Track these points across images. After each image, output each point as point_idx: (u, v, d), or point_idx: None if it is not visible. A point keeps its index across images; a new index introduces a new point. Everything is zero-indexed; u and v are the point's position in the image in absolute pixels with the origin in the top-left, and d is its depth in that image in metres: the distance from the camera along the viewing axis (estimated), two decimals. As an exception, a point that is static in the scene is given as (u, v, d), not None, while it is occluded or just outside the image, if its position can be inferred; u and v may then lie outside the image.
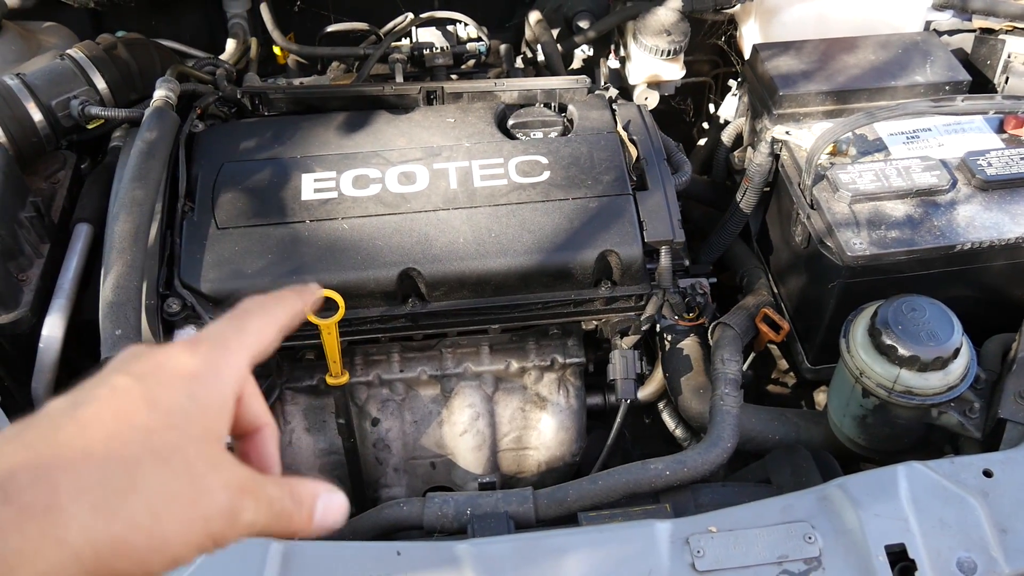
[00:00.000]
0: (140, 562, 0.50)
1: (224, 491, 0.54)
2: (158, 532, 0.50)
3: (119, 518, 0.49)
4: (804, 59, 1.72)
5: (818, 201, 1.53)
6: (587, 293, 1.56)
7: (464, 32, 2.03)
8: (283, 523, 0.58)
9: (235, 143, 1.63)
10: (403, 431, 1.67)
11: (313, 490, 0.61)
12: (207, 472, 0.54)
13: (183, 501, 0.52)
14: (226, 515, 0.54)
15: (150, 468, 0.51)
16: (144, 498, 0.50)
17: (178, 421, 0.54)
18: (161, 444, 0.53)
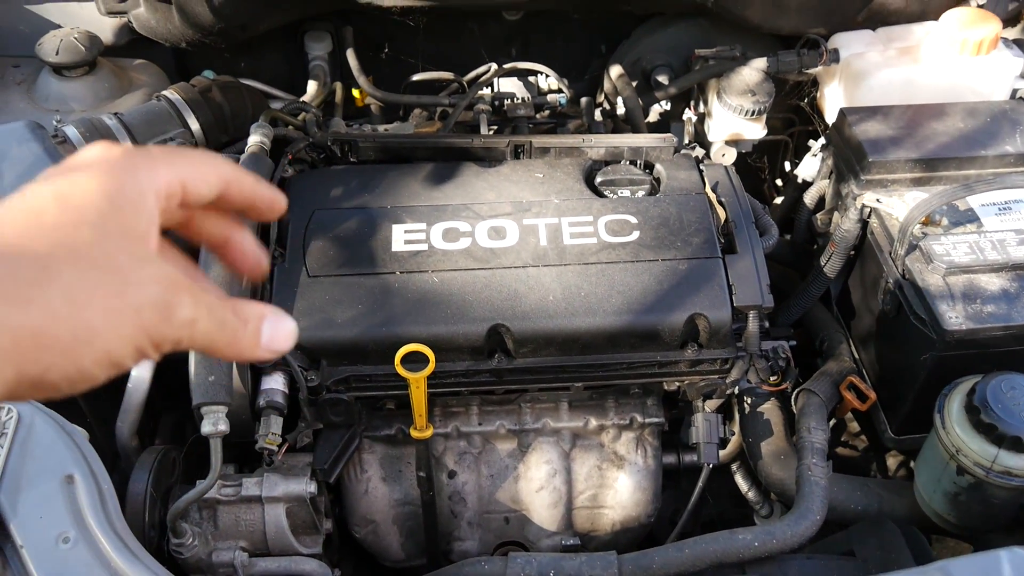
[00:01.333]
0: (68, 354, 0.49)
1: (154, 284, 0.53)
2: (81, 321, 0.50)
3: (35, 306, 0.48)
4: (892, 125, 1.72)
5: (911, 271, 1.52)
6: (673, 355, 1.55)
7: (545, 83, 2.05)
8: (227, 336, 0.57)
9: (326, 190, 1.64)
10: (479, 484, 1.67)
11: (259, 310, 0.60)
12: (131, 265, 0.53)
13: (106, 291, 0.51)
14: (158, 307, 0.53)
15: (65, 261, 0.50)
16: (61, 288, 0.49)
17: (92, 218, 0.53)
18: (76, 238, 0.52)
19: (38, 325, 0.48)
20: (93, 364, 0.50)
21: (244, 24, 1.90)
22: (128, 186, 0.56)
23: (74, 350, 0.49)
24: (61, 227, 0.51)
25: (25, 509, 1.25)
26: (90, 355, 0.50)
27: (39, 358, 0.49)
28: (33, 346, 0.48)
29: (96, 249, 0.52)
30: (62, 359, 0.49)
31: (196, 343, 0.56)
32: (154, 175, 0.58)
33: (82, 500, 1.27)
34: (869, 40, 1.88)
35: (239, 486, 1.48)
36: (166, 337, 0.54)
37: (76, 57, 1.76)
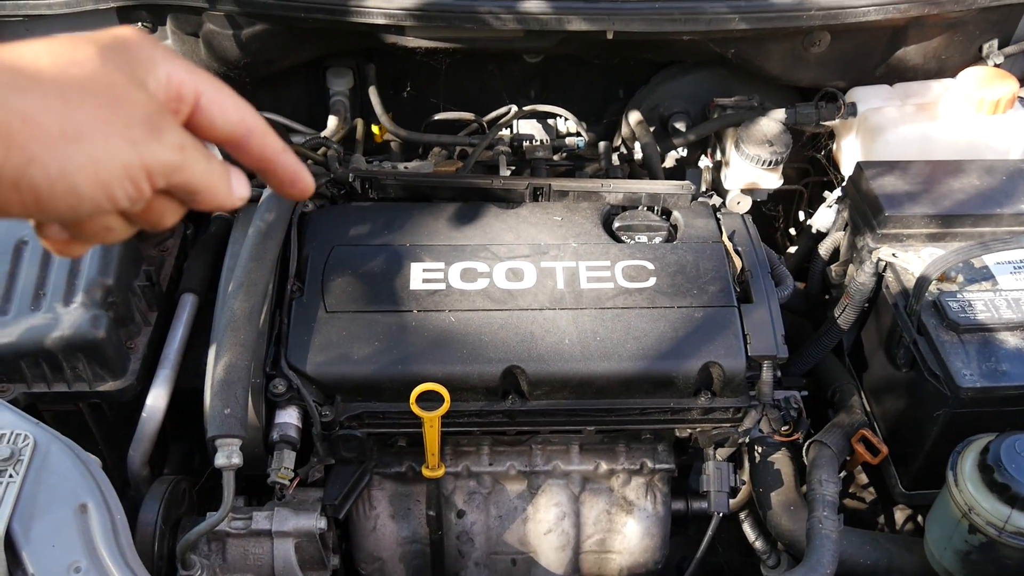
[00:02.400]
0: (55, 148, 0.51)
1: (143, 106, 0.55)
2: (70, 118, 0.51)
3: (29, 93, 0.50)
4: (909, 180, 1.74)
5: (926, 327, 1.53)
6: (686, 402, 1.55)
7: (563, 126, 2.07)
8: (216, 178, 0.59)
9: (346, 226, 1.66)
10: (487, 525, 1.66)
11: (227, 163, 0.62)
12: (126, 86, 0.55)
13: (98, 100, 0.53)
14: (147, 125, 0.54)
15: (65, 66, 0.53)
16: (56, 87, 0.51)
17: (99, 48, 0.55)
18: (77, 55, 0.54)
19: (31, 111, 0.50)
20: (78, 170, 0.51)
21: (270, 59, 1.93)
22: (140, 44, 0.58)
23: (59, 146, 0.50)
24: (65, 48, 0.54)
25: (38, 537, 1.25)
26: (75, 157, 0.51)
27: (25, 145, 0.49)
28: (21, 129, 0.49)
29: (96, 65, 0.54)
30: (48, 152, 0.50)
31: (187, 175, 0.57)
32: (172, 59, 0.59)
33: (95, 530, 1.27)
34: (887, 95, 1.91)
35: (249, 519, 1.48)
36: (155, 155, 0.54)
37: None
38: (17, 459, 1.27)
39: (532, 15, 1.72)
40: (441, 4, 1.72)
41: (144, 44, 0.59)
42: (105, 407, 1.55)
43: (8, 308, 1.47)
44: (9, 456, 1.26)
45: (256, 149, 0.64)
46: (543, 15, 1.71)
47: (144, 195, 0.55)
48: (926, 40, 1.87)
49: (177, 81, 0.59)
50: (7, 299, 1.48)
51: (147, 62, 0.58)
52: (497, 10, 1.71)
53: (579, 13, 1.72)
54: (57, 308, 1.45)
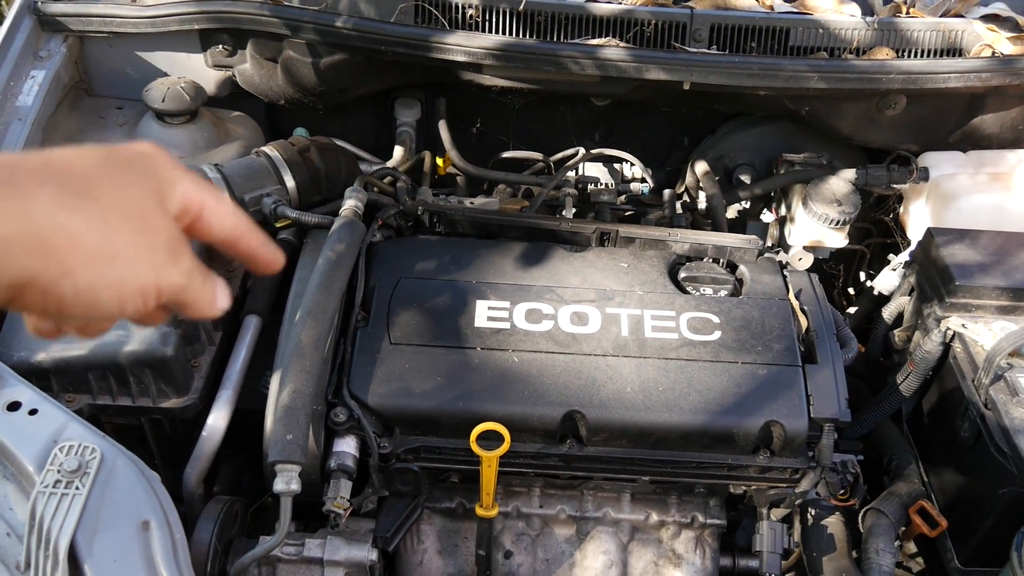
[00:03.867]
0: (89, 265, 0.55)
1: (167, 232, 0.61)
2: (109, 240, 0.56)
3: (76, 212, 0.55)
4: (980, 250, 1.72)
5: (995, 402, 1.51)
6: (744, 459, 1.54)
7: (629, 171, 2.07)
8: (207, 294, 0.65)
9: (413, 259, 1.67)
10: (534, 568, 1.65)
11: (214, 275, 0.67)
12: (155, 213, 0.61)
13: (133, 224, 0.58)
14: (169, 251, 0.60)
15: (107, 187, 0.58)
16: (99, 205, 0.56)
17: (134, 167, 0.61)
18: (118, 175, 0.59)
19: (75, 229, 0.54)
20: (105, 287, 0.56)
21: (344, 88, 1.96)
22: (163, 165, 0.64)
23: (95, 264, 0.55)
24: (106, 164, 0.60)
25: (101, 551, 1.26)
26: (106, 275, 0.56)
27: (65, 259, 0.54)
28: (64, 244, 0.54)
29: (132, 189, 0.60)
30: (83, 268, 0.55)
31: (188, 294, 0.63)
32: (185, 178, 0.65)
33: (156, 548, 1.27)
34: (960, 162, 1.90)
35: (301, 546, 1.48)
36: (170, 280, 0.60)
37: (181, 105, 1.82)
38: (84, 472, 1.28)
39: (612, 62, 1.73)
40: (522, 47, 1.74)
41: (167, 165, 0.65)
42: (166, 423, 1.56)
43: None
44: (76, 468, 1.27)
45: (244, 247, 0.71)
46: (622, 62, 1.72)
47: (148, 309, 0.61)
48: (1004, 109, 1.86)
49: (187, 198, 0.65)
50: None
51: (169, 184, 0.64)
52: (577, 55, 1.73)
53: (658, 63, 1.73)
54: (128, 324, 1.47)
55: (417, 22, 1.85)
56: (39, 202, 0.54)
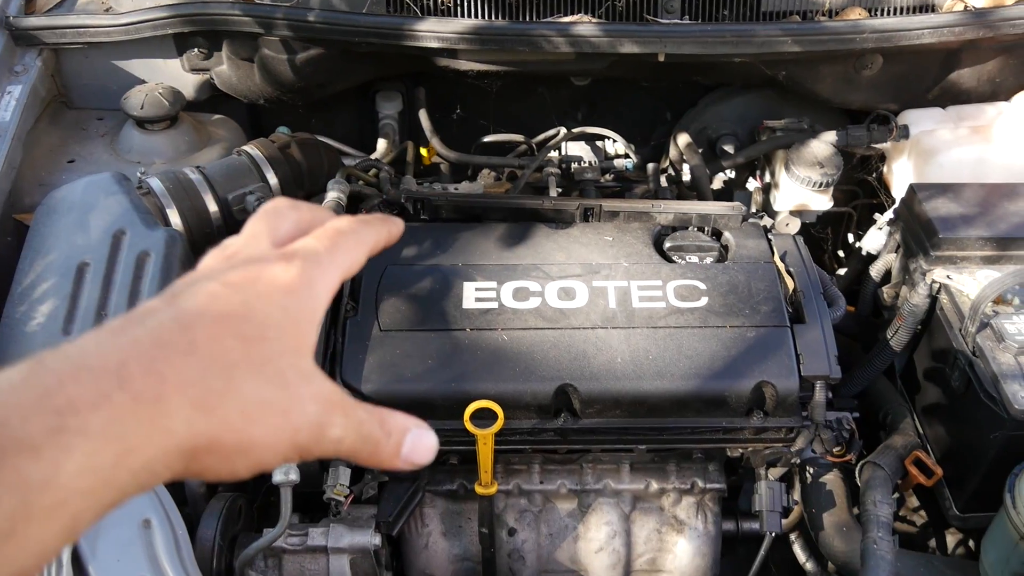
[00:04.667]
0: (227, 462, 0.52)
1: (314, 403, 0.55)
2: (247, 435, 0.52)
3: (216, 416, 0.50)
4: (963, 202, 1.73)
5: (982, 349, 1.52)
6: (738, 422, 1.55)
7: (612, 148, 2.08)
8: (369, 448, 0.58)
9: (399, 246, 1.68)
10: (538, 543, 1.67)
11: (404, 423, 0.61)
12: (299, 384, 0.55)
13: (275, 409, 0.53)
14: (314, 428, 0.55)
15: (246, 374, 0.52)
16: (239, 401, 0.51)
17: (272, 334, 0.55)
18: (257, 353, 0.54)
19: (215, 433, 0.51)
20: (244, 470, 0.53)
21: (323, 83, 1.97)
22: (306, 304, 0.58)
23: (233, 460, 0.52)
24: (246, 339, 0.53)
25: (104, 551, 1.28)
26: (245, 463, 0.53)
27: (204, 461, 0.51)
28: (205, 450, 0.51)
29: (271, 365, 0.54)
30: (221, 464, 0.52)
31: (339, 455, 0.58)
32: (326, 288, 0.60)
33: (158, 545, 1.29)
34: (940, 118, 1.90)
35: (305, 535, 1.49)
36: (313, 452, 0.56)
37: (160, 111, 1.83)
38: (84, 472, 1.30)
39: (584, 38, 1.74)
40: (494, 28, 1.75)
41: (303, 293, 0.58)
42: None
43: (71, 328, 1.50)
44: (76, 469, 1.28)
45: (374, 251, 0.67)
46: (595, 38, 1.73)
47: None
48: (980, 63, 1.86)
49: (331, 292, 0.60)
50: (69, 320, 1.51)
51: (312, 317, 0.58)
52: (550, 33, 1.74)
53: (631, 36, 1.74)
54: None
55: (389, 11, 1.86)
56: (180, 413, 0.49)
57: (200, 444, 0.50)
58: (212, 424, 0.50)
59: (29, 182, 1.81)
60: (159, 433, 0.48)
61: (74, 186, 1.67)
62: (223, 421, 0.51)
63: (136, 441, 0.47)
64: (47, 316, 1.53)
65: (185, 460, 0.50)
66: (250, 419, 0.52)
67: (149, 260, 1.56)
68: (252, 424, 0.52)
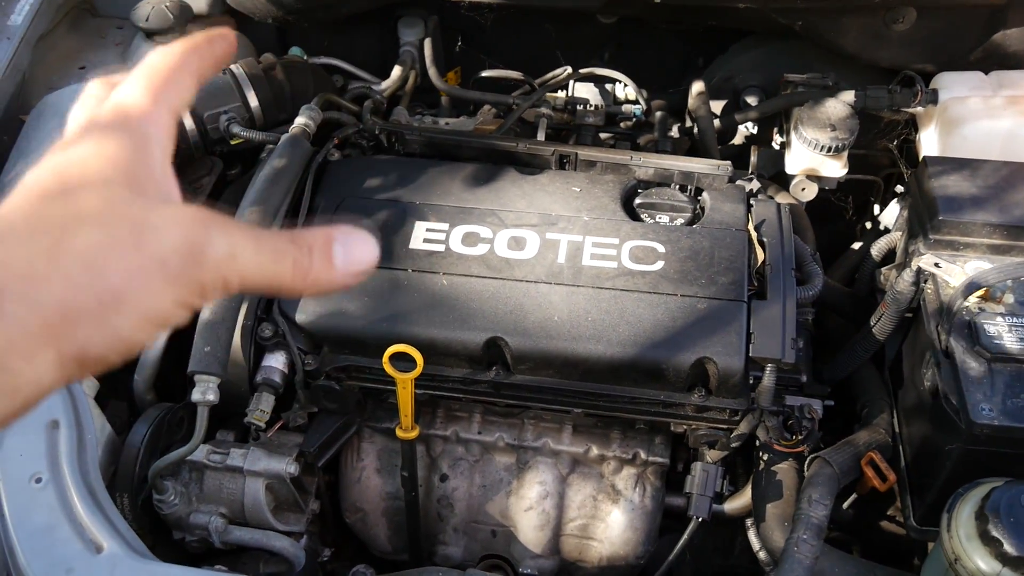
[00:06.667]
0: (101, 323, 0.47)
1: (173, 227, 0.49)
2: (103, 286, 0.47)
3: (54, 279, 0.46)
4: (978, 181, 1.54)
5: (953, 350, 1.36)
6: (678, 397, 1.47)
7: (622, 92, 1.96)
8: (286, 268, 0.52)
9: (362, 179, 1.65)
10: (469, 493, 1.64)
11: (325, 234, 0.54)
12: (144, 215, 0.50)
13: (122, 248, 0.48)
14: (185, 251, 0.49)
15: (76, 229, 0.48)
16: (75, 255, 0.47)
17: (96, 183, 0.50)
18: (85, 207, 0.49)
19: (61, 299, 0.46)
20: (131, 328, 0.48)
21: (327, 4, 1.93)
22: (126, 142, 0.53)
23: (105, 317, 0.47)
24: (66, 200, 0.50)
25: (9, 446, 1.34)
26: (124, 319, 0.47)
27: (72, 333, 0.46)
28: (62, 321, 0.46)
29: (105, 211, 0.49)
30: (96, 330, 0.47)
31: (251, 281, 0.51)
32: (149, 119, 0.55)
33: (61, 446, 1.35)
34: (976, 84, 1.69)
35: (226, 455, 1.52)
36: (204, 281, 0.49)
37: (164, 24, 1.85)
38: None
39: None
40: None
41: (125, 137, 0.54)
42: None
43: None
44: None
45: None
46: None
47: (201, 305, 0.51)
48: (1029, 23, 1.63)
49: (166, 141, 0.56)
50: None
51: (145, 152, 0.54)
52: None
53: (623, -28, 1.61)
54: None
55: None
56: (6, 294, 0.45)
57: (50, 316, 0.46)
58: (52, 289, 0.46)
59: (40, 85, 1.88)
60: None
61: (63, 92, 1.73)
62: (64, 281, 0.46)
63: None
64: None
65: (47, 342, 0.46)
66: (96, 267, 0.47)
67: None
68: (101, 271, 0.47)
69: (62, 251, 0.47)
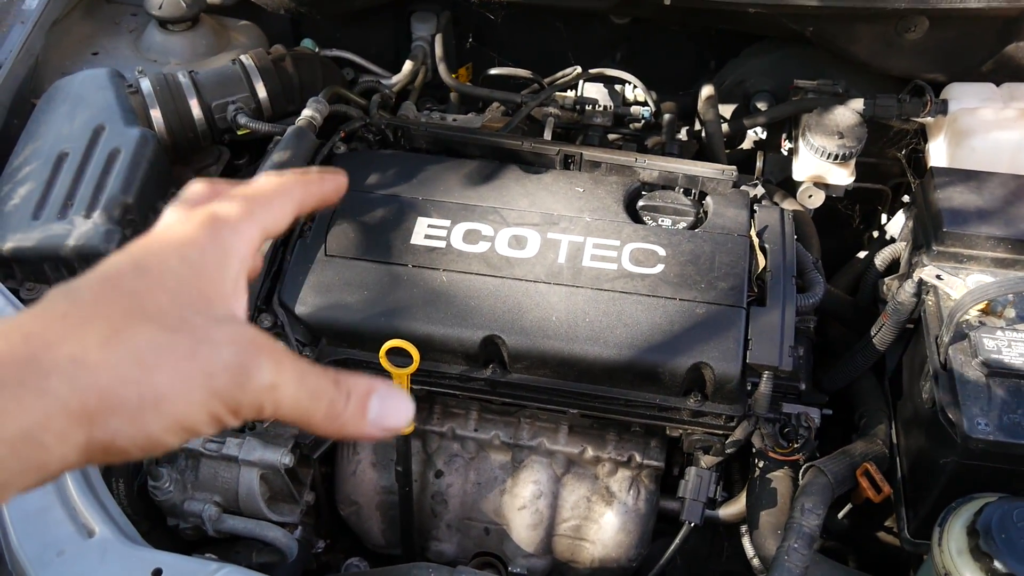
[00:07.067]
0: (135, 419, 0.47)
1: (229, 345, 0.50)
2: (149, 385, 0.47)
3: (104, 368, 0.46)
4: (985, 194, 1.53)
5: (952, 363, 1.35)
6: (673, 401, 1.46)
7: (632, 94, 1.96)
8: (323, 408, 0.52)
9: (365, 173, 1.65)
10: (464, 490, 1.65)
11: (366, 384, 0.54)
12: (206, 327, 0.50)
13: (177, 354, 0.48)
14: (233, 370, 0.49)
15: (138, 323, 0.48)
16: (130, 350, 0.47)
17: (171, 285, 0.51)
18: (152, 303, 0.50)
19: (105, 387, 0.46)
20: (162, 431, 0.48)
21: (336, -5, 1.94)
22: (210, 253, 0.54)
23: (141, 415, 0.47)
24: (136, 293, 0.50)
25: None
26: (158, 421, 0.48)
27: (107, 423, 0.47)
28: (101, 410, 0.46)
29: (171, 314, 0.50)
30: (129, 425, 0.47)
31: (284, 413, 0.52)
32: (238, 236, 0.56)
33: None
34: (987, 95, 1.67)
35: (222, 443, 1.53)
36: (241, 402, 0.50)
37: (176, 12, 1.86)
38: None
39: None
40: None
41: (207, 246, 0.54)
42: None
43: (40, 214, 1.57)
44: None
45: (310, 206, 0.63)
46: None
47: (232, 426, 0.52)
48: (1044, 36, 1.62)
49: (248, 247, 0.56)
50: (41, 206, 1.58)
51: (221, 266, 0.54)
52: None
53: (633, -27, 1.61)
54: (77, 219, 1.54)
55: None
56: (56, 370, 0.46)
57: (90, 401, 0.46)
58: (99, 376, 0.46)
59: (53, 70, 1.89)
60: (30, 396, 0.45)
61: (73, 78, 1.74)
62: (113, 372, 0.47)
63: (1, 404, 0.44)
64: (23, 198, 1.60)
65: (82, 425, 0.46)
66: (146, 366, 0.48)
67: (119, 157, 1.60)
68: (150, 371, 0.48)
69: (119, 341, 0.47)
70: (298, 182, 0.62)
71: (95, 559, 1.28)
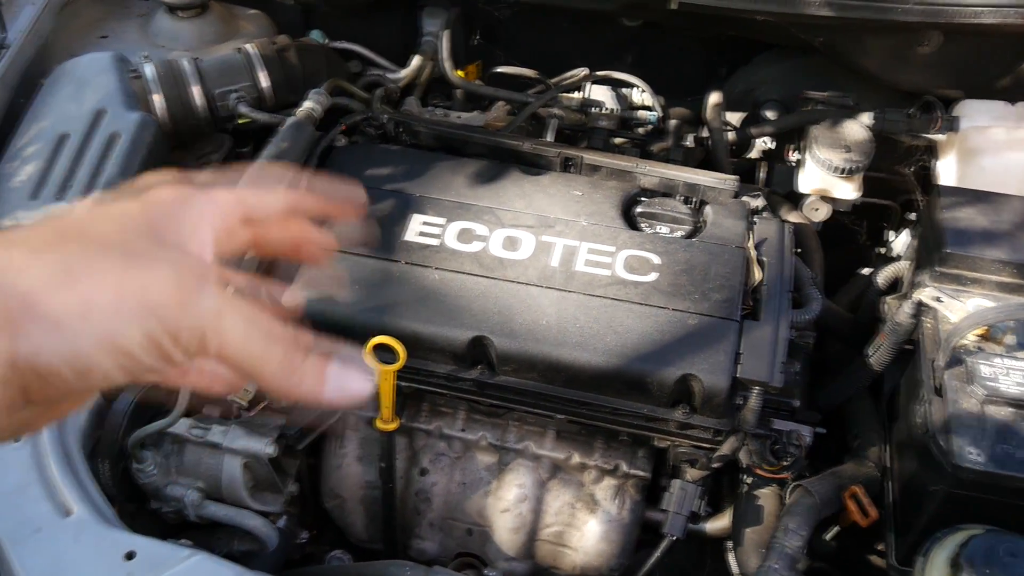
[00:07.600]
0: (61, 329, 0.45)
1: (171, 264, 0.48)
2: (75, 291, 0.45)
3: (29, 273, 0.45)
4: (992, 215, 1.49)
5: (946, 389, 1.32)
6: (661, 412, 1.44)
7: (639, 97, 1.93)
8: (276, 358, 0.50)
9: (364, 167, 1.65)
10: (448, 489, 1.63)
11: (329, 345, 0.52)
12: (148, 248, 0.49)
13: (108, 264, 0.47)
14: (172, 288, 0.47)
15: (72, 240, 0.48)
16: (59, 258, 0.46)
17: (120, 218, 0.50)
18: (93, 229, 0.49)
19: (27, 292, 0.44)
20: (92, 347, 0.45)
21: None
22: (171, 202, 0.53)
23: (67, 324, 0.45)
24: (82, 221, 0.49)
25: None
26: (87, 333, 0.45)
27: (29, 332, 0.44)
28: (23, 315, 0.44)
29: (111, 237, 0.49)
30: (54, 334, 0.45)
31: (231, 352, 0.49)
32: (206, 196, 0.55)
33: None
34: (1000, 113, 1.64)
35: (207, 430, 1.53)
36: (181, 326, 0.47)
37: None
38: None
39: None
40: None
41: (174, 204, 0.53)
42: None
43: (39, 194, 1.58)
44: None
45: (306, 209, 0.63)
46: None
47: (175, 358, 0.48)
48: (1060, 55, 1.58)
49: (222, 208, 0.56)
50: (40, 186, 1.58)
51: (185, 224, 0.53)
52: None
53: (642, -23, 1.59)
54: (74, 201, 1.55)
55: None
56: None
57: (11, 304, 0.45)
58: (21, 279, 0.45)
59: (61, 52, 1.89)
60: None
61: (78, 60, 1.74)
62: (37, 277, 0.45)
63: None
64: (25, 178, 1.61)
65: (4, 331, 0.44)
66: (74, 273, 0.46)
67: (118, 141, 1.60)
68: (77, 278, 0.46)
69: (49, 251, 0.46)
70: (289, 171, 0.61)
71: (70, 538, 1.29)
